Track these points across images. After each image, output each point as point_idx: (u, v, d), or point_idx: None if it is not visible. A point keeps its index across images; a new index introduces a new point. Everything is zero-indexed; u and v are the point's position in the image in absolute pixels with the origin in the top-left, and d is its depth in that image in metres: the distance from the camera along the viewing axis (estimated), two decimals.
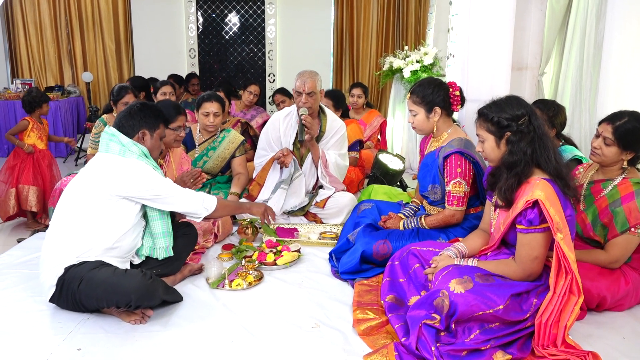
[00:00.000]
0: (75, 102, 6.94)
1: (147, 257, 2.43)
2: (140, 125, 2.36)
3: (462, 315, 1.88)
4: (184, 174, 2.90)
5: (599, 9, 3.59)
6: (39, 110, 4.09)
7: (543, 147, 2.02)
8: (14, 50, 7.49)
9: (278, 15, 7.65)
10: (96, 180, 2.25)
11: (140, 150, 2.33)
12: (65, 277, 2.15)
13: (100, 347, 2.00)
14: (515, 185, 2.03)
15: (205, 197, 2.45)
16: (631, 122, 2.27)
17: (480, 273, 2.01)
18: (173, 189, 2.35)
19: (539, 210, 1.94)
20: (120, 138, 2.31)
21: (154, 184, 2.28)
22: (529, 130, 2.03)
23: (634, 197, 2.25)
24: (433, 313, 1.94)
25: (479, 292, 1.91)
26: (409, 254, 2.33)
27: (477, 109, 2.16)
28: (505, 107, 2.07)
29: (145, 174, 2.28)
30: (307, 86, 3.32)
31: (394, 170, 4.14)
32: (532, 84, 3.63)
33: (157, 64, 7.26)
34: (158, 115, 2.44)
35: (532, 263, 2.00)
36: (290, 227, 3.36)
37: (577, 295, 1.91)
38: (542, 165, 2.02)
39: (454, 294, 1.90)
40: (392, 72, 5.45)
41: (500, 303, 1.89)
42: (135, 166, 2.28)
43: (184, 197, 2.37)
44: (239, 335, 2.10)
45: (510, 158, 2.04)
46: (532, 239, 1.99)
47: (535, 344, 1.91)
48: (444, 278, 2.00)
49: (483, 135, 2.14)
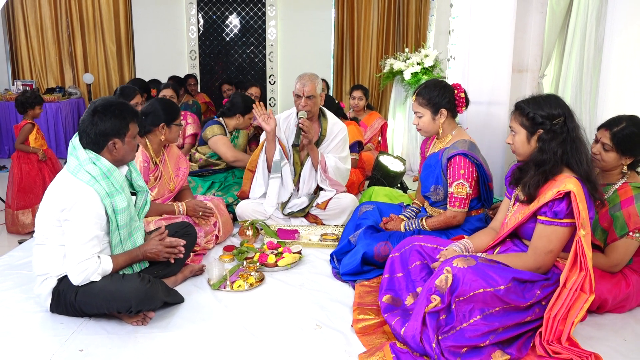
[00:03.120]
0: (76, 103, 6.95)
1: None
2: (109, 134, 2.12)
3: (463, 292, 1.90)
4: (198, 203, 2.99)
5: (599, 11, 3.60)
6: (31, 112, 4.08)
7: (575, 150, 2.03)
8: (15, 52, 7.49)
9: (279, 17, 7.66)
10: (47, 202, 2.13)
11: (99, 170, 2.10)
12: (60, 288, 2.14)
13: (102, 348, 2.00)
14: (542, 182, 2.05)
15: (95, 270, 2.06)
16: (629, 128, 2.28)
17: (484, 258, 2.05)
18: (82, 241, 2.04)
19: (567, 205, 1.96)
20: (79, 153, 2.11)
21: (74, 223, 2.04)
22: (562, 132, 2.04)
23: (633, 202, 2.26)
24: (432, 295, 1.94)
25: (481, 269, 1.94)
26: (412, 250, 2.32)
27: (516, 102, 2.18)
28: (543, 104, 2.08)
29: (77, 209, 2.04)
30: (306, 89, 3.30)
31: (395, 172, 4.15)
32: (533, 86, 3.64)
33: (158, 66, 7.27)
34: (124, 114, 2.15)
35: (546, 256, 2.02)
36: (291, 228, 3.36)
37: (588, 294, 1.92)
38: (573, 167, 2.04)
39: (456, 268, 1.93)
40: (393, 74, 5.46)
41: (501, 283, 1.91)
42: (76, 194, 2.05)
43: (80, 254, 2.04)
44: (240, 336, 2.11)
45: (539, 156, 2.06)
46: (552, 232, 2.00)
47: (541, 340, 1.92)
48: (447, 260, 2.03)
49: (516, 128, 2.15)
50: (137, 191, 2.34)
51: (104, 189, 2.10)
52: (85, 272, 2.05)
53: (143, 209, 2.38)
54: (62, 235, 2.09)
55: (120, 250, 2.22)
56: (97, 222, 2.08)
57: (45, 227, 2.13)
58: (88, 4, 7.45)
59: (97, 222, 2.08)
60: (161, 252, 2.29)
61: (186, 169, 3.16)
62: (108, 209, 2.11)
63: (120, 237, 2.20)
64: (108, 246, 2.20)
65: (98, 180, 2.09)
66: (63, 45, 7.53)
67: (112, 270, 2.14)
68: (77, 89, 7.24)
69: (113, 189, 2.13)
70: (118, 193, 2.14)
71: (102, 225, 2.11)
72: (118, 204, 2.14)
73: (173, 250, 2.33)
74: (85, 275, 2.05)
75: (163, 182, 3.01)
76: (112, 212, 2.13)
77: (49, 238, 2.12)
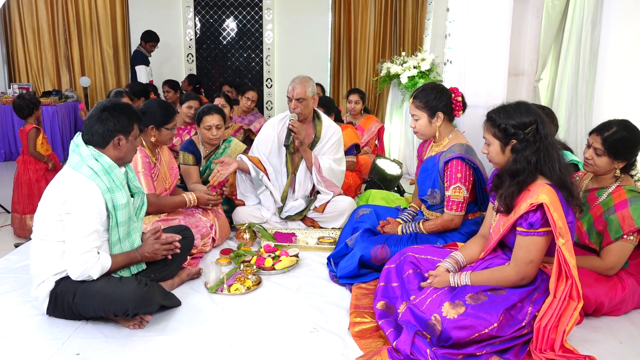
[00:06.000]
0: (72, 106, 6.94)
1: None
2: (115, 130, 2.18)
3: (459, 340, 1.88)
4: (208, 192, 3.10)
5: (594, 15, 3.62)
6: (36, 113, 4.03)
7: (548, 157, 2.02)
8: (11, 55, 7.47)
9: (276, 21, 7.67)
10: (48, 197, 2.15)
11: (100, 166, 2.13)
12: (58, 290, 2.14)
13: (99, 352, 2.00)
14: (516, 193, 2.05)
15: (95, 264, 2.08)
16: (619, 132, 2.29)
17: (471, 293, 2.00)
18: (82, 234, 2.06)
19: (542, 214, 1.96)
20: (81, 150, 2.14)
21: (75, 216, 2.06)
22: (535, 140, 2.03)
23: (627, 205, 2.28)
24: (425, 332, 1.96)
25: (471, 315, 1.91)
26: (405, 261, 2.33)
27: (487, 112, 2.17)
28: (513, 113, 2.08)
29: (78, 202, 2.06)
30: (296, 92, 3.34)
31: (392, 176, 4.16)
32: (529, 90, 3.66)
33: (155, 69, 7.25)
34: (131, 114, 2.23)
35: (527, 266, 2.01)
36: (288, 231, 3.36)
37: (577, 301, 1.92)
38: (546, 175, 2.03)
39: (446, 320, 1.91)
40: (390, 77, 5.47)
41: (494, 321, 1.89)
42: (77, 187, 2.08)
43: (81, 247, 2.05)
44: (237, 339, 2.11)
45: (514, 166, 2.06)
46: (530, 242, 2.00)
47: (533, 348, 1.92)
48: (437, 298, 2.02)
49: (489, 139, 2.15)
50: (133, 192, 2.36)
51: (104, 184, 2.13)
52: (84, 264, 2.06)
53: (141, 209, 2.39)
54: (62, 230, 2.10)
55: (119, 249, 2.23)
56: (97, 217, 2.10)
57: (46, 222, 2.14)
58: (85, 6, 7.44)
59: (98, 217, 2.10)
60: (158, 251, 2.31)
61: (177, 169, 3.24)
62: (108, 203, 2.13)
63: (119, 235, 2.21)
64: (107, 244, 2.21)
65: (99, 175, 2.13)
66: (60, 48, 7.52)
67: (110, 269, 2.15)
68: (74, 92, 7.23)
69: (114, 185, 2.16)
70: (118, 189, 2.17)
71: (102, 220, 2.13)
72: (118, 199, 2.16)
73: (169, 247, 2.35)
74: (85, 268, 2.06)
75: (160, 180, 3.03)
76: (112, 208, 2.15)
77: (49, 235, 2.13)
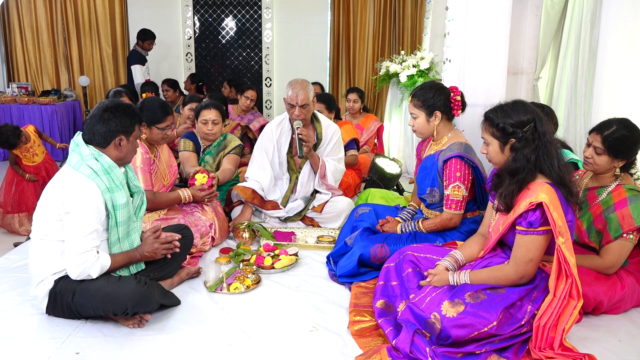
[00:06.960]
0: (71, 106, 6.93)
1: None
2: (117, 130, 2.18)
3: (458, 339, 1.88)
4: (197, 189, 3.06)
5: (593, 14, 3.63)
6: (23, 145, 4.01)
7: (547, 154, 2.02)
8: (10, 54, 7.45)
9: (275, 20, 7.66)
10: (47, 196, 2.14)
11: (100, 166, 2.13)
12: (57, 290, 2.14)
13: (99, 351, 2.00)
14: (516, 192, 2.05)
15: (94, 263, 2.08)
16: (619, 131, 2.29)
17: (471, 292, 2.00)
18: (82, 234, 2.05)
19: (541, 213, 1.96)
20: (81, 149, 2.14)
21: (74, 215, 2.05)
22: (534, 138, 2.03)
23: (626, 204, 2.28)
24: (424, 330, 1.96)
25: (470, 313, 1.91)
26: (404, 259, 2.33)
27: (484, 112, 2.17)
28: (511, 112, 2.08)
29: (78, 201, 2.06)
30: (300, 99, 3.27)
31: (391, 174, 4.16)
32: (528, 88, 3.66)
33: (154, 68, 7.25)
34: (133, 115, 2.24)
35: (526, 265, 2.01)
36: (287, 230, 3.36)
37: (577, 299, 1.93)
38: (545, 172, 2.03)
39: (445, 319, 1.90)
40: (389, 76, 5.46)
41: (493, 319, 1.89)
42: (77, 186, 2.08)
43: (80, 246, 2.05)
44: (237, 338, 2.11)
45: (513, 164, 2.06)
46: (530, 241, 2.00)
47: (533, 347, 1.92)
48: (436, 296, 2.02)
49: (488, 139, 2.15)
50: (133, 192, 2.35)
51: (104, 184, 2.13)
52: (84, 264, 2.06)
53: (140, 209, 2.39)
54: (61, 229, 2.10)
55: (118, 249, 2.23)
56: (97, 216, 2.10)
57: (45, 222, 2.13)
58: (84, 6, 7.42)
59: (97, 216, 2.10)
60: (158, 250, 2.31)
61: (177, 167, 3.24)
62: (108, 203, 2.13)
63: (119, 234, 2.21)
64: (106, 243, 2.21)
65: (99, 174, 2.12)
66: (58, 48, 7.50)
67: (109, 268, 2.15)
68: (73, 92, 7.21)
69: (113, 185, 2.16)
70: (118, 189, 2.17)
71: (101, 219, 2.13)
72: (118, 199, 2.16)
73: (169, 246, 2.35)
74: (84, 267, 2.06)
75: (159, 177, 3.03)
76: (112, 207, 2.15)
77: (48, 234, 2.13)
